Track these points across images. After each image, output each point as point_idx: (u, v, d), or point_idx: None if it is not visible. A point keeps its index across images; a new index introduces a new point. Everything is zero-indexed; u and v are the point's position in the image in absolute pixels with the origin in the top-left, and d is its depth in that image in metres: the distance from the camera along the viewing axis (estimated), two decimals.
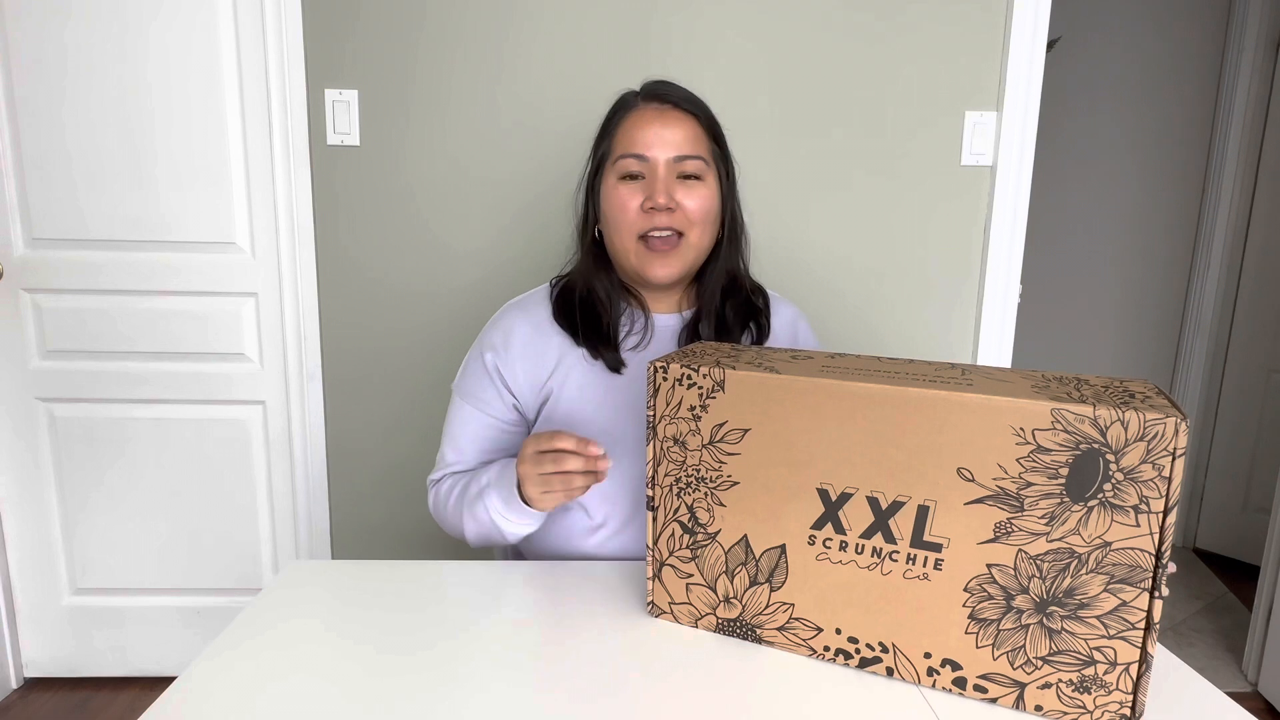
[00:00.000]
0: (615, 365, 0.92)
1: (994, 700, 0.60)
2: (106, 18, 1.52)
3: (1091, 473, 0.53)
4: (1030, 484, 0.55)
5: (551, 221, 1.58)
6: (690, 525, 0.70)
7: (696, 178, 0.89)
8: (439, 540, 1.68)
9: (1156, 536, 0.53)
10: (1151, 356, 2.63)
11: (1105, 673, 0.55)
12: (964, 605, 0.59)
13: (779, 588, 0.66)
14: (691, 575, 0.71)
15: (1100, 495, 0.53)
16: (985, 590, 0.58)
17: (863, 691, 0.63)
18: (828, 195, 1.60)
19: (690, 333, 0.96)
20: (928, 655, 0.61)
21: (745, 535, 0.67)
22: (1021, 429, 0.54)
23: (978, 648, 0.59)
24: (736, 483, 0.67)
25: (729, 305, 0.96)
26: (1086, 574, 0.55)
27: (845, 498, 0.62)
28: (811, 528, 0.64)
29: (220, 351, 1.65)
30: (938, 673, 0.61)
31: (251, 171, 1.58)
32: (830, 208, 1.61)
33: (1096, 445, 0.53)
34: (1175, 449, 0.51)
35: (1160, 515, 0.52)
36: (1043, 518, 0.55)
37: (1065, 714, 0.57)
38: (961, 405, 0.56)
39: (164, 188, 1.58)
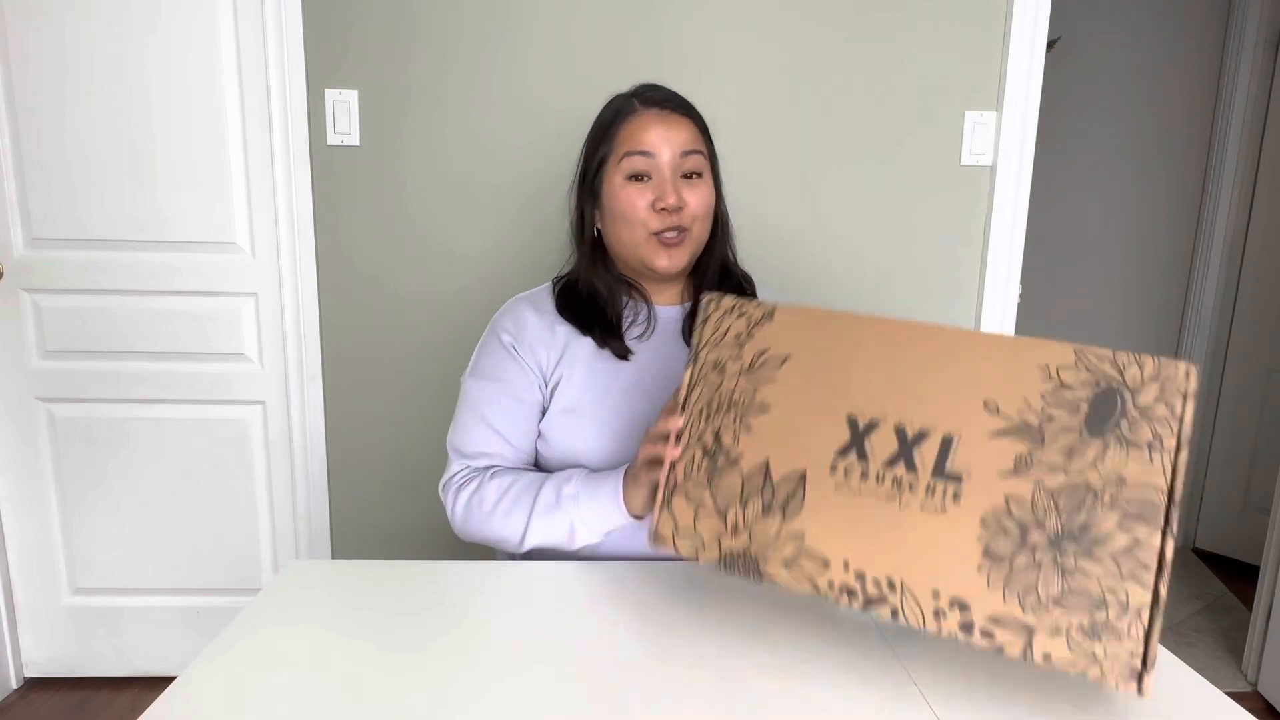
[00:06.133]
0: (622, 353, 0.96)
1: (1000, 649, 0.57)
2: (107, 18, 1.52)
3: (1109, 407, 0.57)
4: (1052, 418, 0.58)
5: (552, 220, 1.58)
6: (713, 449, 0.69)
7: (698, 175, 0.95)
8: (439, 540, 1.68)
9: (1169, 474, 0.55)
10: None
11: (1117, 617, 0.54)
12: (978, 539, 0.58)
13: (792, 517, 0.65)
14: (703, 502, 0.69)
15: (1118, 430, 0.56)
16: (1001, 524, 0.58)
17: (863, 690, 0.63)
18: (827, 195, 1.60)
19: (691, 321, 0.99)
20: (936, 595, 0.59)
21: (767, 460, 0.66)
22: (1047, 365, 0.58)
23: (989, 586, 0.57)
24: (768, 407, 0.67)
25: (722, 290, 0.99)
26: (1102, 510, 0.56)
27: (872, 426, 0.63)
28: (836, 454, 0.64)
29: (220, 351, 1.65)
30: (945, 615, 0.59)
31: (251, 171, 1.58)
32: (829, 208, 1.61)
33: (1115, 383, 0.57)
34: (1187, 391, 0.55)
35: (1173, 453, 0.55)
36: (1062, 451, 0.57)
37: (1074, 664, 0.55)
38: (994, 343, 0.61)
39: (164, 188, 1.58)
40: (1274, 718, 1.76)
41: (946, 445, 0.60)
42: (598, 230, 0.98)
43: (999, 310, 1.62)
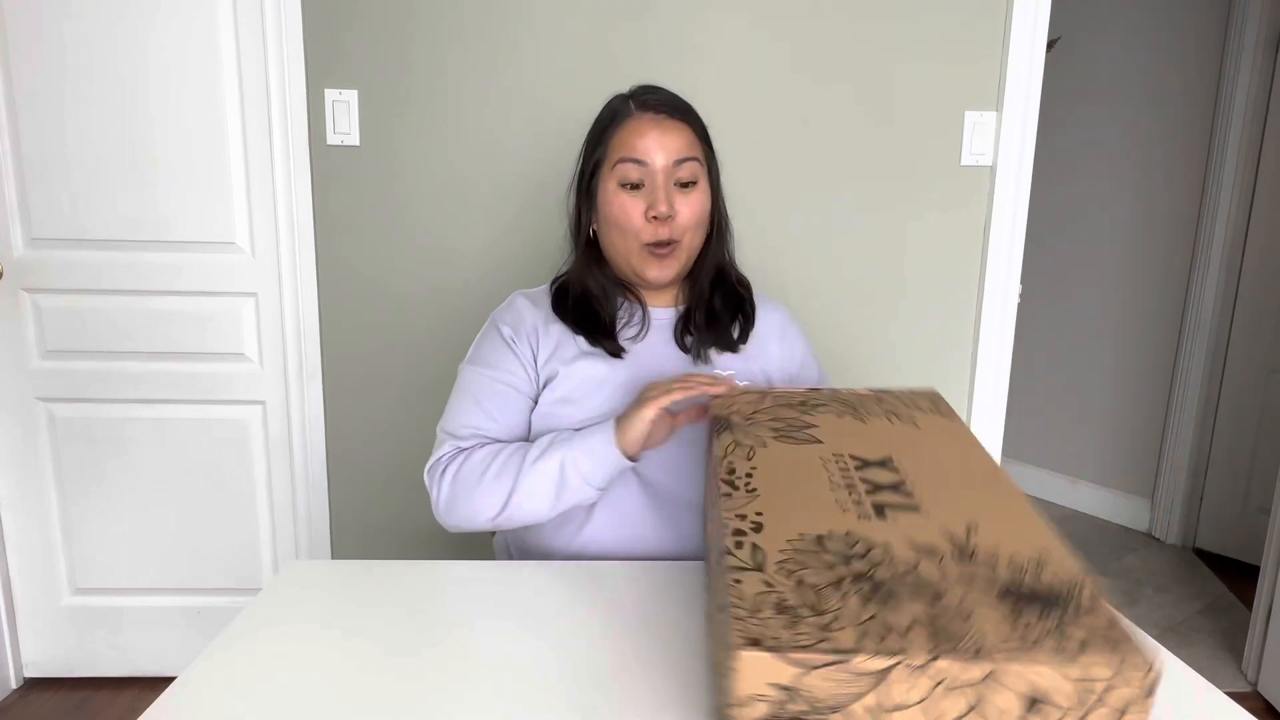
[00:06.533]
0: (615, 352, 0.96)
1: (715, 564, 0.56)
2: (106, 18, 1.52)
3: (1043, 602, 0.49)
4: (991, 564, 0.52)
5: (551, 220, 1.58)
6: (803, 407, 0.80)
7: (693, 183, 0.94)
8: (439, 540, 1.68)
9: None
10: (1151, 356, 2.63)
11: (784, 610, 0.49)
12: (828, 528, 0.57)
13: (775, 440, 0.72)
14: (761, 408, 0.80)
15: (1023, 606, 0.48)
16: (855, 540, 0.56)
17: None
18: (827, 196, 1.60)
19: (684, 324, 1.00)
20: (742, 517, 0.60)
21: (825, 440, 0.74)
22: (1044, 549, 0.54)
23: (780, 539, 0.56)
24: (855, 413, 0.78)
25: (718, 296, 1.01)
26: (912, 595, 0.50)
27: (895, 469, 0.67)
28: (849, 455, 0.69)
29: (220, 351, 1.65)
30: (746, 521, 0.59)
31: (251, 171, 1.58)
32: (829, 208, 1.61)
33: (1062, 595, 0.49)
34: (1113, 683, 0.44)
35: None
36: (960, 575, 0.52)
37: (732, 598, 0.51)
38: (1039, 525, 0.58)
39: (164, 188, 1.58)
40: (1274, 718, 1.76)
41: (906, 500, 0.61)
42: (593, 231, 0.99)
43: (999, 310, 1.62)
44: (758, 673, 0.45)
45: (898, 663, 0.44)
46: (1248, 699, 1.81)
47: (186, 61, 1.54)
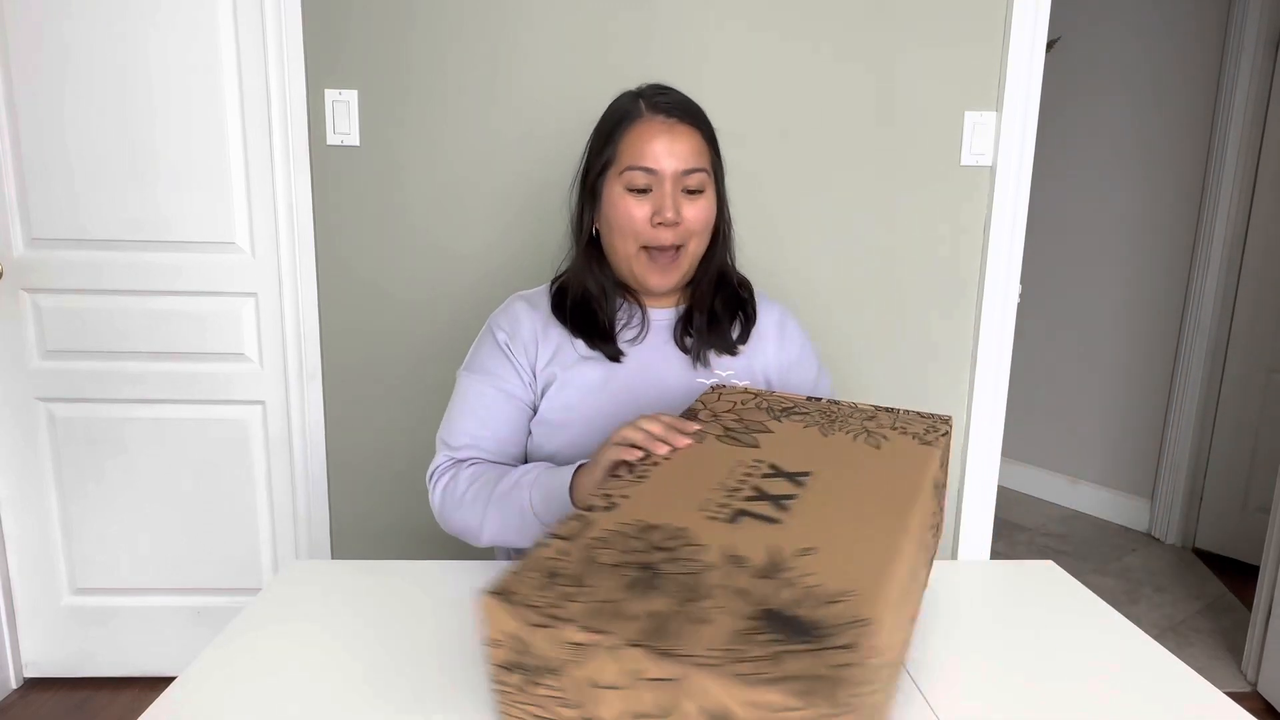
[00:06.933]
0: (614, 355, 0.96)
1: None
2: (107, 18, 1.52)
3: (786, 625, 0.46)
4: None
5: (551, 220, 1.58)
6: (780, 413, 0.80)
7: (700, 191, 0.93)
8: (439, 540, 1.68)
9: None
10: (1151, 357, 2.63)
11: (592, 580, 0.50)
12: (658, 524, 0.57)
13: (713, 439, 0.73)
14: (722, 416, 0.80)
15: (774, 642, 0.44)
16: (666, 543, 0.55)
17: None
18: (827, 196, 1.60)
19: (684, 326, 1.00)
20: (606, 495, 0.62)
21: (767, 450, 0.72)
22: (853, 590, 0.50)
23: (604, 525, 0.57)
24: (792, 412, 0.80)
25: (719, 298, 1.01)
26: (735, 588, 0.50)
27: (803, 481, 0.64)
28: (770, 463, 0.68)
29: (220, 351, 1.65)
30: (609, 495, 0.61)
31: (251, 171, 1.58)
32: (829, 208, 1.61)
33: (811, 623, 0.46)
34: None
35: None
36: (757, 570, 0.51)
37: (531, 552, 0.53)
38: (903, 566, 0.55)
39: (164, 188, 1.58)
40: (1274, 718, 1.76)
41: (777, 513, 0.59)
42: (596, 231, 0.98)
43: (999, 310, 1.62)
44: (494, 619, 0.49)
45: (595, 642, 0.45)
46: (1247, 699, 1.81)
47: (186, 61, 1.54)
